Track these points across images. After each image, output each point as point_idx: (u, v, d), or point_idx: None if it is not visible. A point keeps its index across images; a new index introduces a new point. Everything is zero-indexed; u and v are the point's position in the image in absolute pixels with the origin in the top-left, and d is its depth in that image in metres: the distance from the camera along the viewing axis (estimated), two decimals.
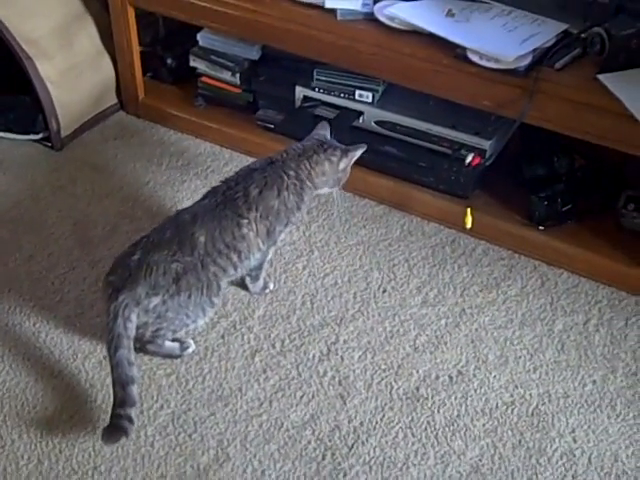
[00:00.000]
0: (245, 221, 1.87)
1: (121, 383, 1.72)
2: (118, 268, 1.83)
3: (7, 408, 1.81)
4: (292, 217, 1.95)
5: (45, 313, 2.02)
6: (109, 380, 1.76)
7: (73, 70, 2.56)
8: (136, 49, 2.62)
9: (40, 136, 2.56)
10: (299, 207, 1.95)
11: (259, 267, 2.02)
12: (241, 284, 2.09)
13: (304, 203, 1.97)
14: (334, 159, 1.95)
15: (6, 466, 1.71)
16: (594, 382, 1.91)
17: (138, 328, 1.79)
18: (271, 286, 2.10)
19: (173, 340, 1.92)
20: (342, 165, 1.97)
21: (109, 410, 1.78)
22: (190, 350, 1.94)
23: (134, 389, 1.72)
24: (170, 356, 1.93)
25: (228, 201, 1.87)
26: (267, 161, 1.95)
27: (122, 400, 1.71)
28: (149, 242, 1.84)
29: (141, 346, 1.86)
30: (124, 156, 2.54)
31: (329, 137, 2.01)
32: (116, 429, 1.70)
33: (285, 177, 1.92)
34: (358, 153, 1.99)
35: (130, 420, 1.71)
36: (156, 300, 1.79)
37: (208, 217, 1.85)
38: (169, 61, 2.71)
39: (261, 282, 2.08)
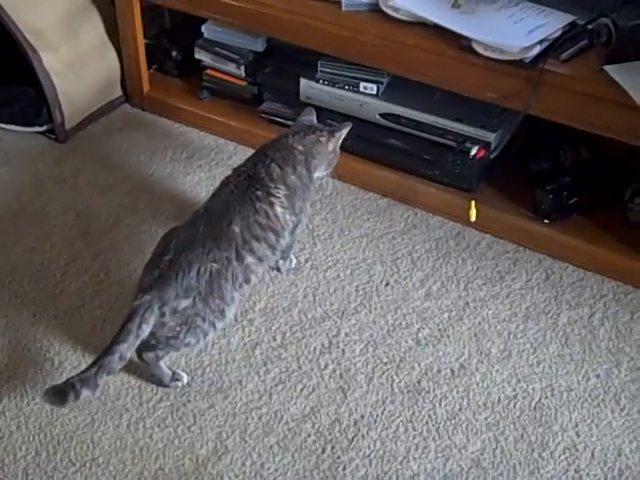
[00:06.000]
0: (277, 199, 1.88)
1: (99, 366, 1.67)
2: (149, 269, 1.79)
3: (5, 400, 1.81)
4: (307, 192, 1.99)
5: (45, 305, 2.02)
6: None
7: (78, 62, 2.55)
8: (141, 41, 2.61)
9: (44, 128, 2.55)
10: (311, 180, 2.00)
11: (290, 246, 2.06)
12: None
13: (312, 180, 2.00)
14: (323, 139, 1.99)
15: (4, 457, 1.70)
16: (598, 376, 1.89)
17: (154, 327, 1.73)
18: (294, 260, 2.15)
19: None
20: (331, 146, 2.01)
21: (109, 403, 1.78)
22: (180, 384, 1.84)
23: (104, 378, 1.68)
24: (158, 381, 1.84)
25: (254, 182, 1.88)
26: (274, 142, 1.99)
27: (86, 375, 1.67)
28: (181, 240, 1.79)
29: (141, 350, 1.79)
30: (128, 148, 2.53)
31: (315, 122, 2.08)
32: (61, 391, 1.66)
33: (296, 152, 1.95)
34: (344, 132, 2.02)
35: (76, 392, 1.65)
36: (186, 302, 1.74)
37: (240, 203, 1.84)
38: (174, 54, 2.70)
39: (293, 259, 2.14)
